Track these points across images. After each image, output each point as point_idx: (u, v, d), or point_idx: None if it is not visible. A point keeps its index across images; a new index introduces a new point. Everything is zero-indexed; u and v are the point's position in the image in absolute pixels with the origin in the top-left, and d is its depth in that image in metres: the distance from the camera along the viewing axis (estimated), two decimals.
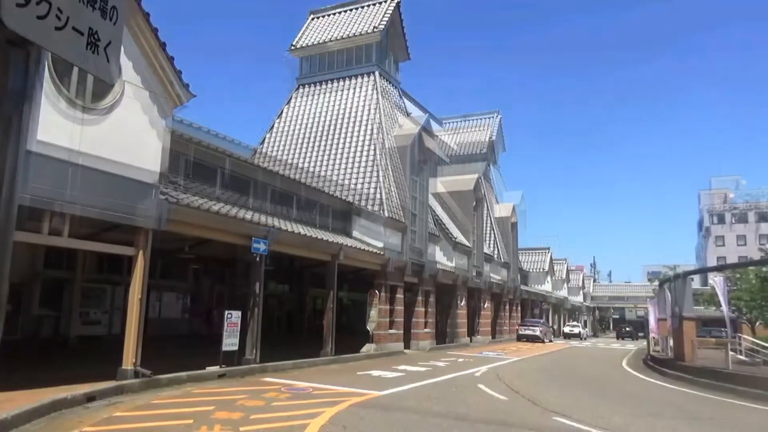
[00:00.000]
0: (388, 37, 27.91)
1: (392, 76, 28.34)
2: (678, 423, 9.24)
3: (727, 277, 25.46)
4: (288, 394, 10.37)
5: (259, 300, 14.40)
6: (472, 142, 44.11)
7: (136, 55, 10.56)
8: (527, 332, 38.59)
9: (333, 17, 29.86)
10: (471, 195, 32.80)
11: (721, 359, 17.18)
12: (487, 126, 45.04)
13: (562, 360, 24.16)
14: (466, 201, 32.72)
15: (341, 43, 27.71)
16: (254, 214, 15.45)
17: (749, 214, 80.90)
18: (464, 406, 9.99)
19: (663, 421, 9.28)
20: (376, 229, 21.98)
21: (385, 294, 21.84)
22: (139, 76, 10.65)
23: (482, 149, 43.62)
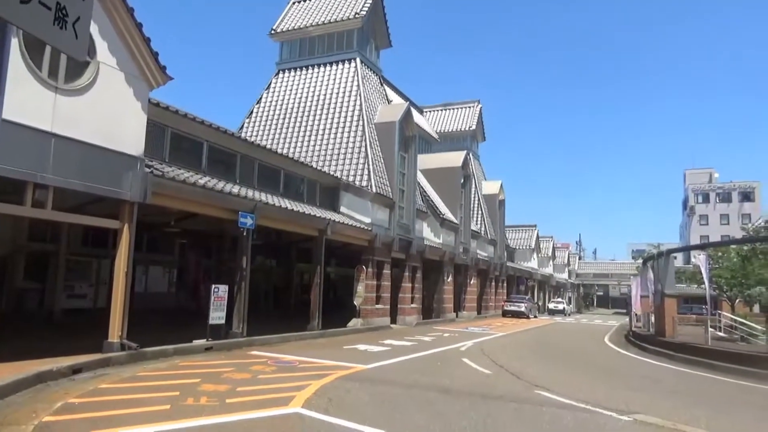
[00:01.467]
0: (370, 23, 27.50)
1: (373, 63, 28.01)
2: (655, 396, 9.48)
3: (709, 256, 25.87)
4: (274, 367, 10.46)
5: (246, 274, 14.41)
6: (452, 130, 44.06)
7: (111, 36, 10.36)
8: (512, 308, 39.06)
9: (314, 2, 29.29)
10: (459, 172, 32.81)
11: (700, 335, 17.60)
12: (468, 115, 44.95)
13: (546, 335, 24.56)
14: (454, 178, 32.74)
15: (322, 29, 27.25)
16: (240, 189, 15.37)
17: (733, 193, 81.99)
18: (449, 379, 10.16)
19: (641, 395, 9.52)
20: (364, 204, 21.98)
21: (372, 269, 21.95)
22: (115, 57, 10.47)
23: (463, 138, 43.61)
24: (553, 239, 65.65)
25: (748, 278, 27.63)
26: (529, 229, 56.08)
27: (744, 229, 38.13)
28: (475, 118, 44.47)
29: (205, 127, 15.04)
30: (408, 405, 7.60)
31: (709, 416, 7.97)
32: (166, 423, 6.02)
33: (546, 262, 61.73)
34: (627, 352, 18.30)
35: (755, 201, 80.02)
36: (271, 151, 18.53)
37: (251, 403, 7.16)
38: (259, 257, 24.83)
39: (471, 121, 44.32)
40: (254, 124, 26.84)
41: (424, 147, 36.16)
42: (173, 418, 6.22)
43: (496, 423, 6.78)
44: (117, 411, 6.47)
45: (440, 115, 45.93)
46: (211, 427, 5.97)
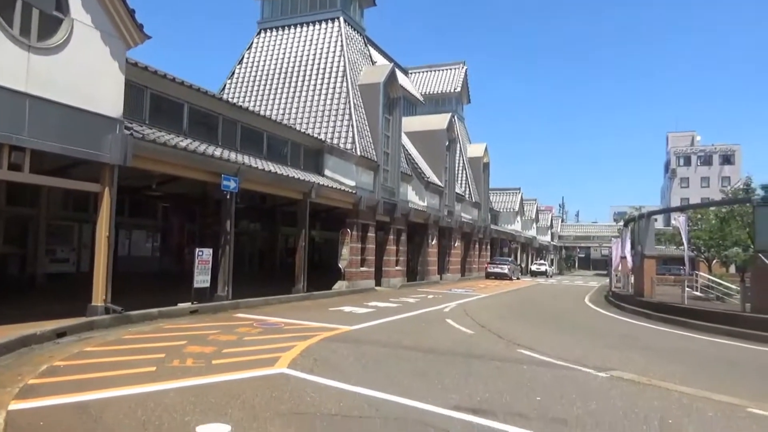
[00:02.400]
0: None
1: (357, 23, 27.38)
2: (632, 353, 9.76)
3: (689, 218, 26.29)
4: (260, 329, 10.55)
5: (231, 238, 14.36)
6: (437, 92, 43.59)
7: None
8: (496, 270, 39.61)
9: None
10: (444, 134, 32.66)
11: (678, 295, 18.03)
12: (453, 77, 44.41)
13: (528, 297, 25.02)
14: (439, 141, 32.60)
15: None
16: (223, 151, 15.18)
17: (714, 156, 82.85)
18: (432, 339, 10.34)
19: (618, 352, 9.79)
20: (348, 167, 21.86)
21: (357, 232, 22.01)
22: (90, 14, 10.10)
23: (448, 100, 43.18)
24: (536, 202, 66.18)
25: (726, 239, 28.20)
26: (513, 192, 56.40)
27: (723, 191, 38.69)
28: (460, 80, 44.03)
29: (185, 89, 14.72)
30: (392, 364, 7.74)
31: (684, 372, 8.24)
32: (152, 384, 6.07)
33: (529, 224, 62.35)
34: (606, 311, 18.73)
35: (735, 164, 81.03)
36: (254, 113, 18.25)
37: (237, 364, 7.23)
38: (243, 221, 24.73)
39: (456, 83, 43.90)
40: (236, 85, 26.32)
41: (409, 109, 35.85)
42: (159, 380, 6.27)
43: (478, 381, 6.94)
44: (102, 373, 6.50)
45: (425, 76, 45.39)
46: (197, 387, 6.03)
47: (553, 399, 6.21)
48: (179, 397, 5.60)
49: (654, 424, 5.45)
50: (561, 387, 6.84)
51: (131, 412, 5.10)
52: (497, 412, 5.58)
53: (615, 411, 5.87)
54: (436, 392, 6.28)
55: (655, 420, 5.60)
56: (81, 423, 4.83)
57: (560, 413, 5.67)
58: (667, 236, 38.28)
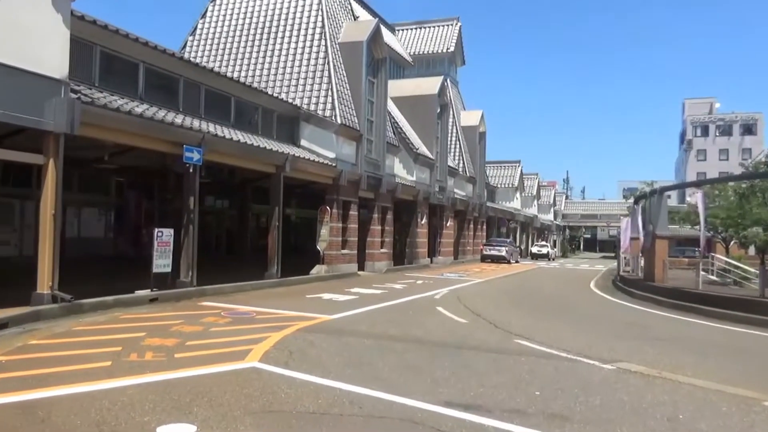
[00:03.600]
0: None
1: None
2: (640, 343, 9.94)
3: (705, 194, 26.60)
4: (229, 319, 10.56)
5: (195, 217, 14.29)
6: (428, 52, 43.28)
7: None
8: (492, 252, 39.91)
9: None
10: (435, 100, 32.55)
11: (692, 280, 18.33)
12: (446, 35, 44.07)
13: (528, 281, 25.29)
14: (429, 107, 32.49)
15: None
16: (185, 118, 15.02)
17: (734, 126, 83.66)
18: (421, 329, 10.44)
19: (626, 342, 9.97)
20: (328, 137, 21.75)
21: (338, 211, 21.99)
22: None
23: (440, 62, 42.92)
24: (538, 177, 66.55)
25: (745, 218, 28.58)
26: (512, 165, 56.59)
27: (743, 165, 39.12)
28: (453, 38, 43.73)
29: (140, 46, 14.45)
30: (377, 357, 7.81)
31: (696, 363, 8.42)
32: (107, 381, 6.07)
33: (530, 202, 62.77)
34: (613, 298, 19.02)
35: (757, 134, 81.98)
36: (220, 74, 18.01)
37: (203, 358, 7.24)
38: (208, 198, 24.57)
39: (449, 42, 43.59)
40: (199, 43, 25.90)
41: (396, 71, 35.60)
42: (115, 376, 6.27)
43: (472, 374, 7.03)
44: (50, 369, 6.47)
45: (414, 34, 45.03)
46: (157, 384, 6.04)
47: (553, 393, 6.32)
48: (138, 395, 5.60)
49: (663, 420, 5.58)
50: (562, 380, 6.96)
51: (83, 412, 5.10)
52: (492, 408, 5.67)
53: (621, 406, 5.99)
54: (425, 387, 6.36)
55: (664, 415, 5.73)
56: (26, 424, 4.82)
57: (561, 409, 5.78)
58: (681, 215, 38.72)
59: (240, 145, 16.08)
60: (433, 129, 32.69)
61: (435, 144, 32.69)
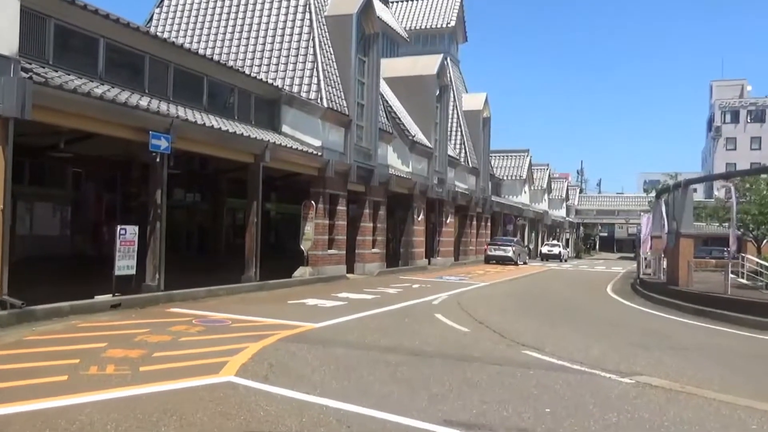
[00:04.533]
0: None
1: None
2: (661, 354, 10.01)
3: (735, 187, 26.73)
4: (201, 327, 10.55)
5: (162, 212, 14.25)
6: (425, 27, 43.24)
7: None
8: (497, 253, 40.03)
9: None
10: (433, 81, 32.56)
11: (719, 283, 18.46)
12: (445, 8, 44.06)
13: (538, 285, 25.38)
14: (427, 89, 32.50)
15: None
16: (151, 101, 14.95)
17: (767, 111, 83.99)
18: (418, 339, 10.47)
19: (645, 353, 10.03)
20: (312, 123, 21.71)
21: (324, 205, 21.98)
22: None
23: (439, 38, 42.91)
24: (549, 168, 66.71)
25: None
26: (520, 155, 56.74)
27: None
28: (454, 12, 43.76)
29: (100, 19, 14.37)
30: (368, 370, 7.83)
31: (724, 377, 8.49)
32: (64, 397, 6.05)
33: (540, 196, 62.95)
34: (632, 303, 19.14)
35: None
36: (191, 51, 17.93)
37: (172, 372, 7.24)
38: (178, 191, 24.47)
39: (449, 16, 43.61)
40: (167, 16, 25.77)
41: (390, 49, 35.59)
42: (73, 391, 6.25)
43: (474, 389, 7.06)
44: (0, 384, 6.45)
45: (410, 6, 45.03)
46: (120, 401, 6.03)
47: (565, 411, 6.36)
48: (98, 413, 5.60)
49: None
50: (575, 395, 7.01)
51: None
52: (496, 427, 5.70)
53: (641, 425, 6.04)
54: (421, 404, 6.38)
55: None
56: None
57: (574, 428, 5.82)
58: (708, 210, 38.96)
59: (213, 132, 16.02)
60: (432, 114, 32.72)
61: (433, 131, 32.72)
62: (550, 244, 57.21)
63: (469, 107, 42.12)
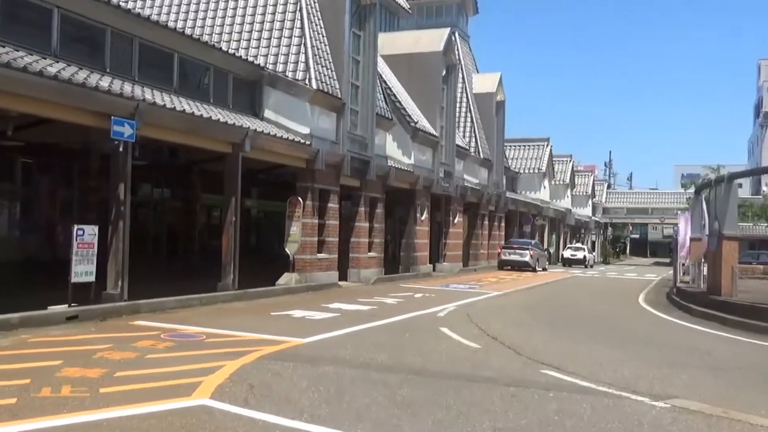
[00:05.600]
0: None
1: None
2: (701, 374, 10.02)
3: None
4: (171, 343, 10.55)
5: (126, 210, 14.24)
6: None
7: None
8: (513, 257, 40.10)
9: None
10: (439, 59, 32.57)
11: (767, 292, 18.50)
12: None
13: (559, 295, 25.40)
14: (432, 68, 32.48)
15: None
16: (113, 82, 14.93)
17: None
18: (420, 356, 10.48)
19: (683, 372, 10.04)
20: (299, 107, 21.70)
21: (313, 203, 21.98)
22: None
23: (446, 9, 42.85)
24: (572, 160, 66.78)
25: None
26: (540, 145, 56.81)
27: None
28: None
29: None
30: (363, 392, 7.83)
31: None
32: (12, 423, 6.04)
33: (562, 192, 63.02)
34: (668, 316, 19.16)
35: None
36: (159, 24, 17.90)
37: (137, 394, 7.23)
38: (144, 185, 24.46)
39: None
40: None
41: (389, 22, 35.54)
42: (21, 417, 6.24)
43: (485, 415, 7.06)
44: None
45: None
46: (78, 427, 6.02)
47: None
48: None
49: None
50: (601, 422, 7.01)
51: None
52: None
53: None
54: (424, 431, 6.38)
55: None
56: None
57: None
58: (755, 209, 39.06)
59: (185, 117, 16.01)
60: (437, 97, 32.73)
61: (439, 116, 32.72)
62: (574, 248, 57.31)
63: (480, 89, 42.13)
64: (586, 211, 72.67)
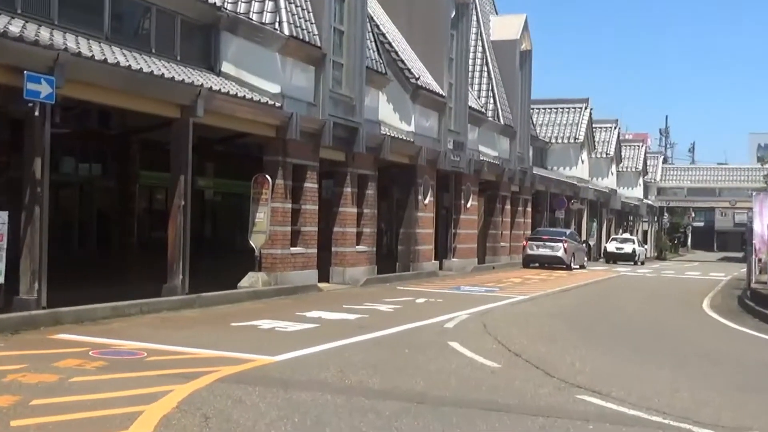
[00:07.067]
0: None
1: None
2: None
3: None
4: (102, 362, 10.49)
5: (44, 191, 14.18)
6: None
7: None
8: (542, 252, 40.13)
9: None
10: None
11: None
12: None
13: (601, 299, 25.43)
14: (437, 8, 32.39)
15: None
16: (26, 26, 14.84)
17: None
18: (423, 378, 10.43)
19: (758, 397, 10.08)
20: (268, 59, 21.60)
21: (285, 182, 21.88)
22: None
23: None
24: (618, 127, 66.58)
25: None
26: (576, 108, 56.56)
27: None
28: None
29: None
30: (348, 425, 7.80)
31: None
32: None
33: (604, 167, 62.96)
34: (740, 326, 19.18)
35: None
36: None
37: (58, 428, 7.20)
38: (68, 160, 24.39)
39: None
40: None
41: None
42: None
43: None
44: None
45: None
46: None
47: None
48: None
49: None
50: None
51: None
52: None
53: None
54: None
55: None
56: None
57: None
58: None
59: (120, 72, 15.90)
60: (445, 46, 32.62)
61: (447, 71, 32.63)
62: (620, 239, 57.32)
63: (500, 36, 42.01)
64: (635, 193, 72.58)
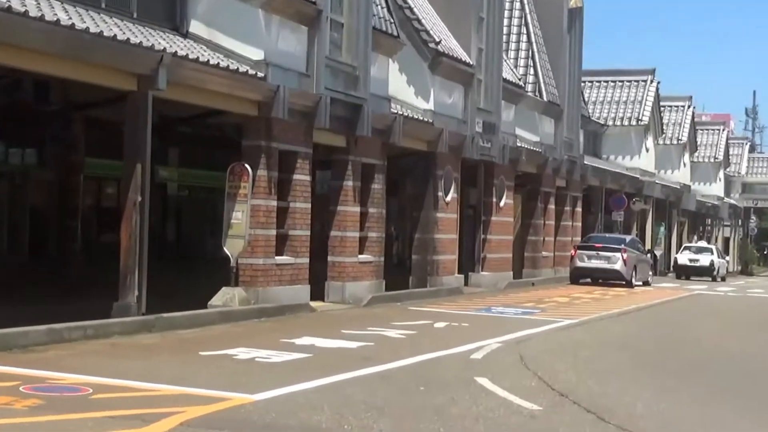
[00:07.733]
0: None
1: None
2: None
3: None
4: (36, 400, 10.47)
5: None
6: None
7: None
8: (595, 264, 40.19)
9: None
10: None
11: None
12: None
13: (670, 324, 25.42)
14: None
15: None
16: None
17: None
18: (442, 424, 10.38)
19: None
20: (248, 16, 21.64)
21: (269, 173, 21.89)
22: None
23: None
24: (692, 106, 66.45)
25: None
26: (639, 80, 56.59)
27: None
28: None
29: None
30: None
31: None
32: None
33: (675, 157, 62.94)
34: None
35: None
36: None
37: None
38: None
39: None
40: None
41: None
42: None
43: None
44: None
45: None
46: None
47: None
48: None
49: None
50: None
51: None
52: None
53: None
54: None
55: None
56: None
57: None
58: None
59: (61, 32, 15.92)
60: (473, 2, 32.62)
61: (476, 34, 32.69)
62: (694, 249, 57.31)
63: None
64: (714, 189, 72.49)
